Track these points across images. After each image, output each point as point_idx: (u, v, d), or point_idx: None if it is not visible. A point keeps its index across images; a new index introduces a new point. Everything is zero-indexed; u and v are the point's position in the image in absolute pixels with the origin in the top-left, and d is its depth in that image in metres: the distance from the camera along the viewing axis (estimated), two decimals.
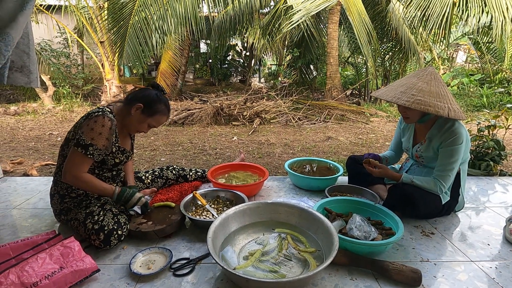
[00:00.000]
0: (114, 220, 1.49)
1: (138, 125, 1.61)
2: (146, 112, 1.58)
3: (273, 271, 1.27)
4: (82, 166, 1.47)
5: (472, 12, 5.38)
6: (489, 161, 2.63)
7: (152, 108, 1.58)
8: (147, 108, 1.57)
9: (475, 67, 10.39)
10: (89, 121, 1.46)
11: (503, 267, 1.41)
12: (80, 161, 1.46)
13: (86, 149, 1.44)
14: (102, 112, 1.49)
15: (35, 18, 8.02)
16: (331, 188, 2.08)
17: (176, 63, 7.74)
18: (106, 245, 1.44)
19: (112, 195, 1.55)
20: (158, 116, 1.61)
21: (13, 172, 3.00)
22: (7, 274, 1.12)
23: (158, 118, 1.62)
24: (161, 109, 1.61)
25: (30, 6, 1.46)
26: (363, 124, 5.47)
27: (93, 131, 1.45)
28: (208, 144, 4.21)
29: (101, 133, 1.46)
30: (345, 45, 8.86)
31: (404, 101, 1.59)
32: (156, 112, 1.59)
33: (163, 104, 1.61)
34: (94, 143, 1.45)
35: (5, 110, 6.22)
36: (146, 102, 1.57)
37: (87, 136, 1.44)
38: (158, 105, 1.59)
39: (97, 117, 1.46)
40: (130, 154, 1.74)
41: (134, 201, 1.59)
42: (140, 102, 1.56)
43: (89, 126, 1.45)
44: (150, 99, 1.58)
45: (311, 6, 6.01)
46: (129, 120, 1.60)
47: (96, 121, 1.46)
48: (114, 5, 5.46)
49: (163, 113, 1.62)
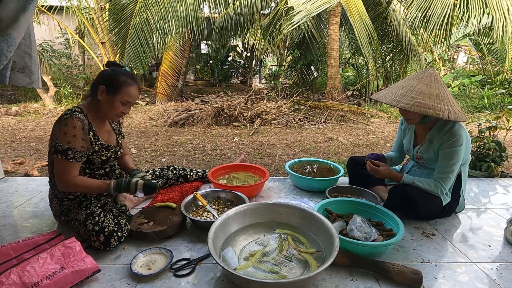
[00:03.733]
0: (114, 222, 1.49)
1: (112, 108, 1.53)
2: (110, 90, 1.51)
3: (273, 272, 1.27)
4: (70, 172, 1.45)
5: (473, 13, 5.38)
6: (490, 163, 2.63)
7: (114, 84, 1.51)
8: (109, 86, 1.51)
9: (476, 68, 10.37)
10: (60, 126, 1.43)
11: (504, 268, 1.41)
12: (66, 168, 1.44)
13: (66, 154, 1.42)
14: (70, 113, 1.45)
15: (36, 19, 8.04)
16: (331, 189, 2.08)
17: (177, 64, 7.75)
18: (106, 247, 1.43)
19: (109, 190, 1.52)
20: (124, 88, 1.52)
21: (14, 172, 3.01)
22: (9, 274, 1.12)
23: (126, 91, 1.52)
24: (123, 80, 1.52)
25: (32, 7, 1.46)
26: (363, 125, 5.46)
27: (67, 135, 1.42)
28: (209, 145, 4.21)
29: (75, 135, 1.43)
30: (346, 46, 8.85)
31: (404, 104, 1.59)
32: (120, 86, 1.51)
33: (122, 76, 1.53)
34: (72, 146, 1.43)
35: (6, 110, 6.23)
36: (106, 81, 1.51)
37: (62, 141, 1.42)
38: (119, 78, 1.51)
39: (66, 120, 1.43)
40: (117, 149, 1.70)
41: (133, 188, 1.54)
42: (100, 84, 1.51)
43: (61, 131, 1.42)
44: (108, 77, 1.52)
45: (312, 7, 6.02)
46: (102, 107, 1.54)
47: (66, 124, 1.42)
48: (115, 6, 5.48)
49: (128, 83, 1.53)
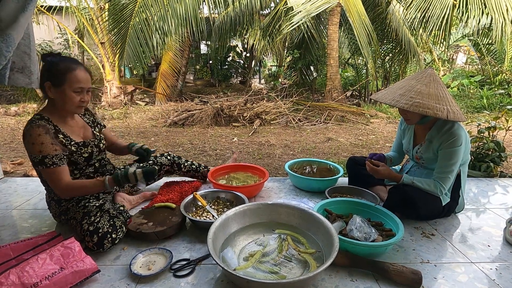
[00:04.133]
0: (110, 223, 1.47)
1: (67, 101, 1.45)
2: (56, 83, 1.43)
3: (273, 272, 1.27)
4: (60, 178, 1.43)
5: (472, 13, 5.39)
6: (489, 163, 2.63)
7: (56, 75, 1.42)
8: (53, 78, 1.43)
9: (475, 68, 10.39)
10: (27, 138, 1.40)
11: (504, 268, 1.41)
12: (52, 176, 1.42)
13: (43, 163, 1.40)
14: (30, 124, 1.42)
15: (36, 19, 8.03)
16: (331, 189, 2.08)
17: (176, 64, 7.75)
18: (99, 248, 1.42)
19: (105, 187, 1.48)
20: (68, 75, 1.42)
21: (14, 172, 3.00)
22: (8, 274, 1.12)
23: (72, 77, 1.42)
24: (65, 67, 1.43)
25: (31, 7, 1.46)
26: (363, 125, 5.47)
27: (35, 145, 1.39)
28: (208, 145, 4.21)
29: (42, 142, 1.39)
30: (345, 47, 8.86)
31: (403, 104, 1.59)
32: (64, 74, 1.42)
33: (63, 63, 1.44)
34: (45, 154, 1.39)
35: (5, 110, 6.22)
36: (48, 75, 1.44)
37: (34, 151, 1.39)
38: (59, 67, 1.42)
39: (28, 131, 1.40)
40: (97, 142, 1.66)
41: (133, 179, 1.50)
42: (45, 81, 1.44)
43: (29, 143, 1.40)
44: (48, 70, 1.44)
45: (311, 8, 6.02)
46: (58, 104, 1.48)
47: (31, 135, 1.39)
48: (114, 6, 5.48)
49: (71, 68, 1.43)
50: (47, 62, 1.46)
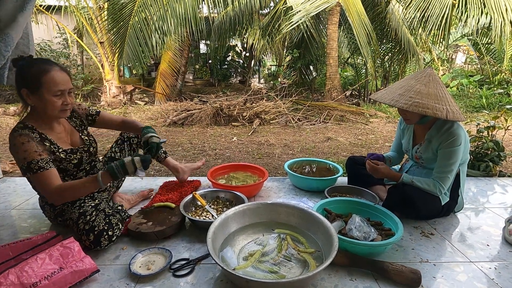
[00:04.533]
0: (105, 221, 1.46)
1: (48, 106, 1.36)
2: (33, 88, 1.32)
3: (272, 272, 1.27)
4: (48, 182, 1.35)
5: (471, 13, 5.39)
6: (488, 162, 2.64)
7: (30, 79, 1.32)
8: (29, 84, 1.32)
9: (474, 68, 10.41)
10: (12, 148, 1.36)
11: (503, 267, 1.42)
12: (40, 180, 1.36)
13: (30, 169, 1.33)
14: (12, 134, 1.36)
15: (34, 19, 8.01)
16: (330, 189, 2.08)
17: (175, 64, 7.74)
18: (96, 246, 1.42)
19: (98, 183, 1.37)
20: (44, 78, 1.31)
21: (13, 172, 3.00)
22: (7, 274, 1.12)
23: (48, 80, 1.32)
24: (38, 70, 1.32)
25: (30, 7, 1.46)
26: (362, 125, 5.47)
27: (19, 153, 1.33)
28: (208, 145, 4.21)
29: (26, 150, 1.33)
30: (345, 46, 8.86)
31: (402, 103, 1.59)
32: (39, 78, 1.31)
33: (35, 65, 1.33)
34: (30, 159, 1.33)
35: (4, 110, 6.21)
36: (22, 82, 1.34)
37: (20, 160, 1.34)
38: (32, 71, 1.32)
39: (12, 140, 1.35)
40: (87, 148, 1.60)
41: (131, 169, 1.39)
42: (21, 89, 1.34)
43: (14, 151, 1.35)
44: (22, 75, 1.34)
45: (310, 7, 6.02)
46: (40, 110, 1.39)
47: (15, 144, 1.34)
48: (114, 6, 5.46)
49: (45, 70, 1.32)
50: (18, 67, 1.35)
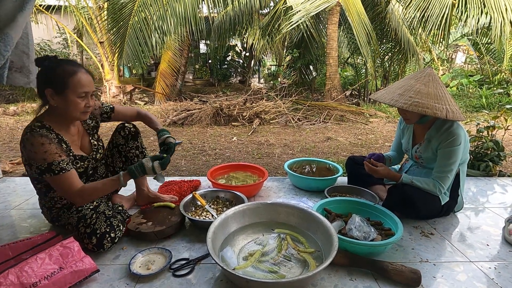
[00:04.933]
0: (106, 223, 1.45)
1: (71, 107, 1.36)
2: (58, 89, 1.33)
3: (272, 272, 1.27)
4: (70, 184, 1.36)
5: (471, 13, 5.39)
6: (488, 162, 2.64)
7: (57, 80, 1.32)
8: (54, 84, 1.33)
9: (474, 68, 10.40)
10: (27, 147, 1.32)
11: (502, 267, 1.42)
12: (62, 182, 1.35)
13: (51, 170, 1.32)
14: (30, 133, 1.33)
15: (34, 18, 8.00)
16: (330, 189, 2.08)
17: (175, 64, 7.74)
18: (99, 249, 1.41)
19: (120, 183, 1.43)
20: (70, 80, 1.33)
21: (12, 172, 3.00)
22: (7, 274, 1.12)
23: (74, 81, 1.33)
24: (65, 71, 1.33)
25: (29, 6, 1.46)
26: (362, 125, 5.47)
27: (38, 154, 1.30)
28: (208, 145, 4.21)
29: (46, 150, 1.31)
30: (345, 46, 8.85)
31: (402, 103, 1.59)
32: (65, 79, 1.32)
33: (62, 66, 1.34)
34: (50, 161, 1.31)
35: (4, 110, 6.21)
36: (47, 82, 1.34)
37: (38, 160, 1.31)
38: (59, 71, 1.33)
39: (29, 140, 1.31)
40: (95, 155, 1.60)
41: (151, 173, 1.44)
42: (45, 88, 1.34)
43: (31, 152, 1.31)
44: (47, 75, 1.34)
45: (310, 7, 6.02)
46: (61, 112, 1.39)
47: (32, 144, 1.31)
48: (113, 6, 5.46)
49: (72, 72, 1.33)
50: (45, 67, 1.36)
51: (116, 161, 1.77)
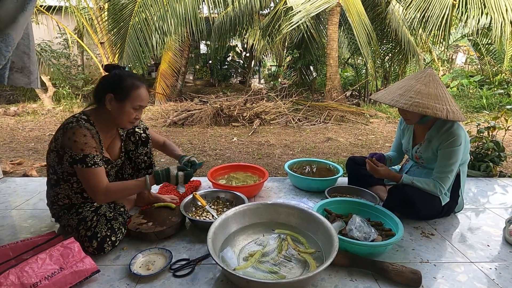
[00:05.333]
0: (107, 226, 1.45)
1: (123, 115, 1.44)
2: (119, 97, 1.42)
3: (273, 272, 1.27)
4: (99, 179, 1.38)
5: (472, 13, 5.40)
6: (489, 162, 2.64)
7: (122, 89, 1.41)
8: (118, 92, 1.41)
9: (474, 68, 10.40)
10: (69, 135, 1.36)
11: (503, 268, 1.42)
12: (92, 176, 1.37)
13: (84, 162, 1.36)
14: (76, 122, 1.38)
15: (35, 19, 8.02)
16: (331, 189, 2.08)
17: (176, 64, 7.74)
18: (100, 252, 1.41)
19: (146, 186, 1.47)
20: (133, 92, 1.42)
21: (13, 172, 3.00)
22: (7, 274, 1.12)
23: (136, 95, 1.43)
24: (131, 83, 1.43)
25: (30, 7, 1.46)
26: (362, 125, 5.47)
27: (78, 143, 1.35)
28: (208, 145, 4.21)
29: (86, 142, 1.36)
30: (345, 46, 8.86)
31: (402, 103, 1.59)
32: (129, 90, 1.42)
33: (129, 78, 1.44)
34: (87, 153, 1.36)
35: (5, 110, 6.21)
36: (113, 87, 1.42)
37: (76, 149, 1.35)
38: (126, 83, 1.42)
39: (72, 129, 1.36)
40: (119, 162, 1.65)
41: (173, 182, 1.51)
42: (107, 92, 1.42)
43: (71, 140, 1.35)
44: (114, 82, 1.43)
45: (311, 8, 6.02)
46: (112, 116, 1.45)
47: (74, 133, 1.35)
48: (114, 6, 5.48)
49: (136, 86, 1.44)
50: (113, 75, 1.46)
51: (126, 168, 1.78)
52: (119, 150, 1.67)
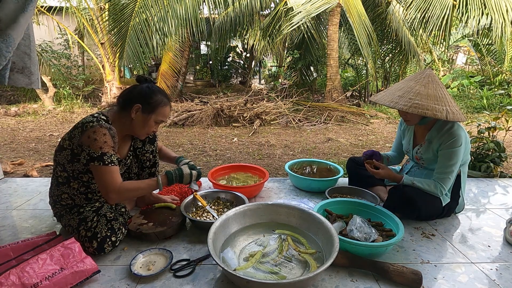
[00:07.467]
0: (107, 227, 1.45)
1: (145, 127, 1.52)
2: (146, 110, 1.48)
3: (273, 273, 1.27)
4: (113, 178, 1.40)
5: (472, 14, 5.40)
6: (489, 163, 2.63)
7: (150, 103, 1.48)
8: (146, 105, 1.48)
9: (475, 69, 10.40)
10: (89, 133, 1.37)
11: (504, 268, 1.41)
12: (107, 174, 1.39)
13: (102, 159, 1.37)
14: (97, 121, 1.41)
15: (36, 20, 8.04)
16: (331, 190, 2.08)
17: (176, 65, 7.74)
18: (100, 252, 1.41)
19: (159, 186, 1.50)
20: (160, 108, 1.50)
21: (14, 173, 3.00)
22: (8, 275, 1.12)
23: (162, 111, 1.52)
24: (160, 100, 1.50)
25: (31, 8, 1.46)
26: (363, 126, 5.47)
27: (97, 141, 1.37)
28: (208, 146, 4.21)
29: (106, 141, 1.39)
30: (345, 47, 8.86)
31: (402, 105, 1.59)
32: (157, 106, 1.49)
33: (159, 94, 1.51)
34: (105, 151, 1.38)
35: (5, 111, 6.22)
36: (142, 99, 1.48)
37: (95, 147, 1.37)
38: (155, 98, 1.49)
39: (93, 127, 1.38)
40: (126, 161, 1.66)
41: (187, 180, 1.55)
42: (136, 102, 1.47)
43: (90, 138, 1.37)
44: (145, 95, 1.49)
45: (311, 8, 6.03)
46: (133, 125, 1.51)
47: (95, 132, 1.37)
48: (114, 7, 5.48)
49: (164, 103, 1.52)
50: (146, 87, 1.51)
51: (132, 166, 1.78)
52: (128, 149, 1.68)
